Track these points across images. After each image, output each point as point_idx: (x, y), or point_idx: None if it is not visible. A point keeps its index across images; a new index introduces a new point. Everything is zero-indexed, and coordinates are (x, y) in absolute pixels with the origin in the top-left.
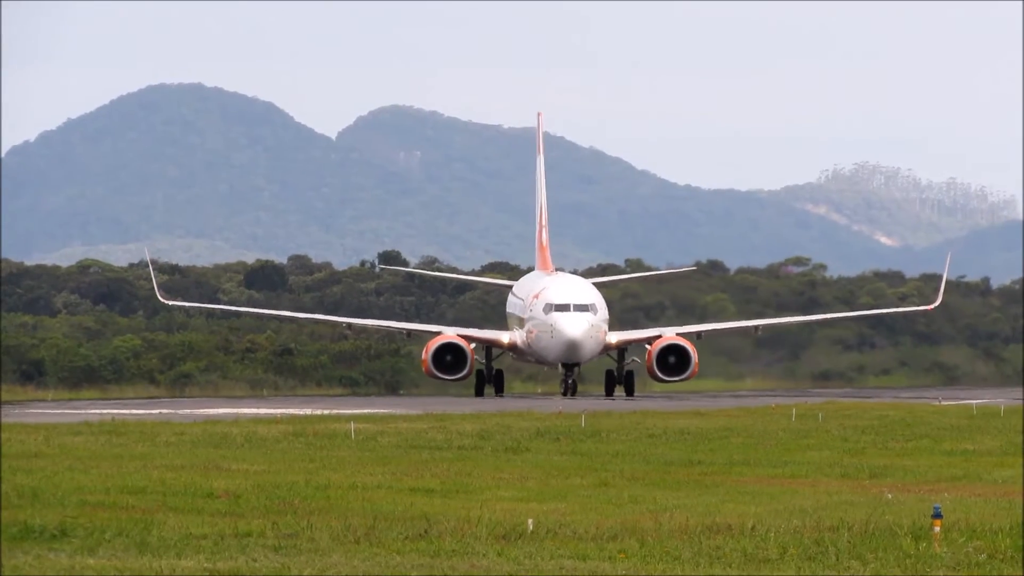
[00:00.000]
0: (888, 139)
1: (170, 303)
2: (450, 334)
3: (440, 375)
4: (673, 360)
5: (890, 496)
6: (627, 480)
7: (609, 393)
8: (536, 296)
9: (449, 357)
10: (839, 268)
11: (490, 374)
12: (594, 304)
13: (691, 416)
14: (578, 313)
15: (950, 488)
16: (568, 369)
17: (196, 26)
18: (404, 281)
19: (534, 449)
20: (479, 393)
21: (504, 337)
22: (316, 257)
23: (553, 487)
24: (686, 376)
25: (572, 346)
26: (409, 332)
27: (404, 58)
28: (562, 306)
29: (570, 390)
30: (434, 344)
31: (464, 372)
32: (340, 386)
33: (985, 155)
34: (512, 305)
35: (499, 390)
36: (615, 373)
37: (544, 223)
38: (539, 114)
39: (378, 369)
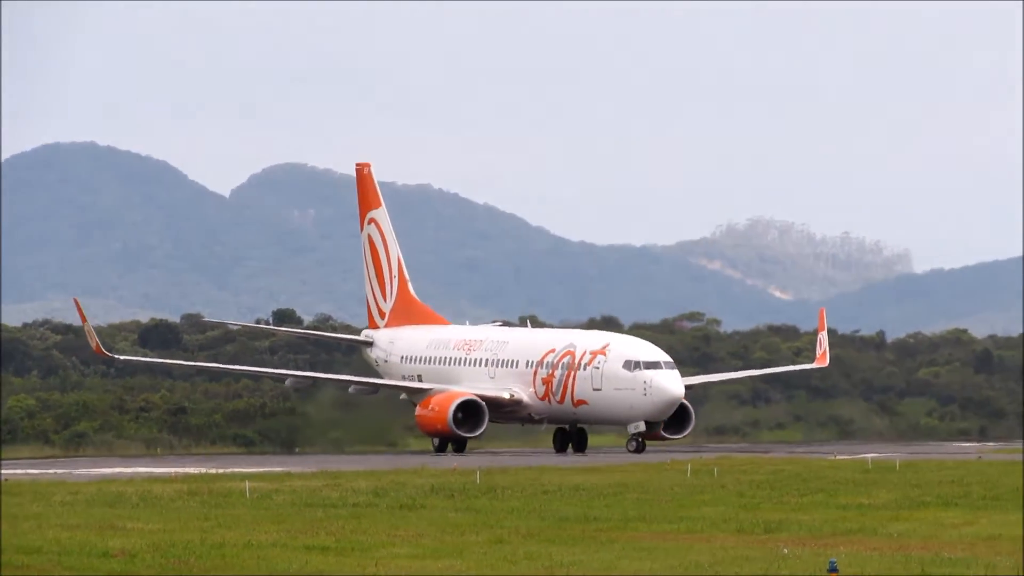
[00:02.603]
0: (782, 194)
1: (120, 357)
2: (464, 391)
3: (460, 433)
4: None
5: (787, 551)
6: (522, 537)
7: (562, 450)
8: (600, 352)
9: (461, 415)
10: (733, 323)
11: None
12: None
13: (586, 472)
14: (670, 370)
15: (846, 542)
16: (651, 427)
17: (89, 85)
18: (298, 339)
19: (429, 506)
20: (441, 450)
21: (504, 394)
22: (209, 315)
23: (448, 544)
24: (687, 432)
25: (674, 403)
26: (416, 390)
27: (297, 116)
28: (652, 364)
29: (641, 448)
30: (454, 401)
31: (483, 429)
32: (235, 444)
33: (879, 209)
34: (414, 360)
35: (461, 448)
36: (568, 429)
37: (407, 276)
38: (366, 165)
39: (273, 427)
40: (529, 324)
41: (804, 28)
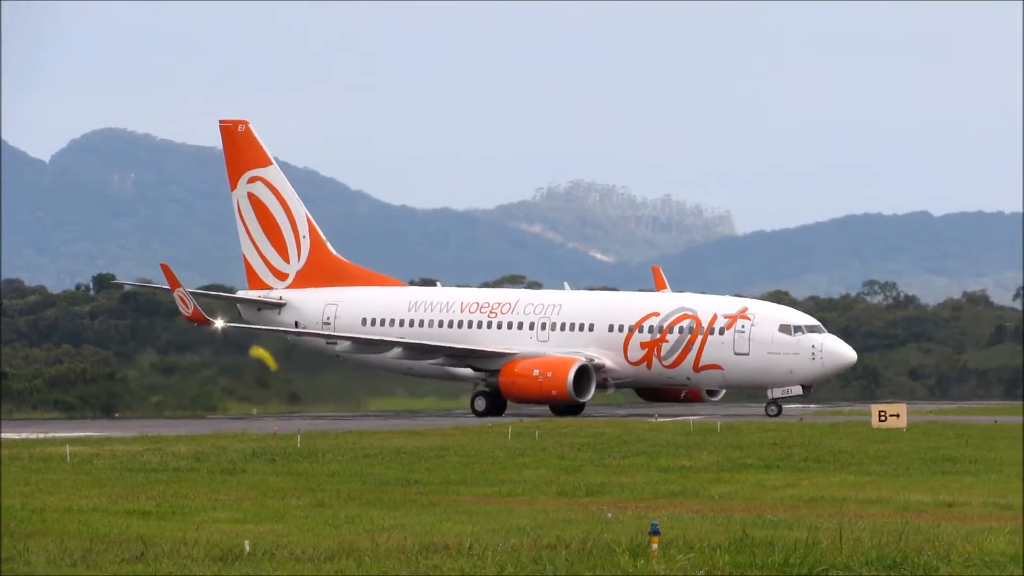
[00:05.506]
0: (602, 157)
1: (220, 325)
2: (578, 357)
3: (578, 398)
4: None
5: (610, 515)
6: (343, 500)
7: (562, 414)
8: (739, 316)
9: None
10: (555, 286)
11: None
12: None
13: (406, 435)
14: (831, 334)
15: (667, 505)
16: (806, 391)
17: None
18: (119, 304)
19: (250, 470)
20: (485, 414)
21: (579, 358)
22: (30, 280)
23: (269, 508)
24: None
25: (848, 366)
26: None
27: (116, 80)
28: (813, 327)
29: (780, 411)
30: (572, 366)
31: (591, 394)
32: (56, 410)
33: (700, 172)
34: (387, 323)
35: (501, 410)
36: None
37: (323, 236)
38: (241, 123)
39: (93, 393)
40: (567, 286)
41: None
